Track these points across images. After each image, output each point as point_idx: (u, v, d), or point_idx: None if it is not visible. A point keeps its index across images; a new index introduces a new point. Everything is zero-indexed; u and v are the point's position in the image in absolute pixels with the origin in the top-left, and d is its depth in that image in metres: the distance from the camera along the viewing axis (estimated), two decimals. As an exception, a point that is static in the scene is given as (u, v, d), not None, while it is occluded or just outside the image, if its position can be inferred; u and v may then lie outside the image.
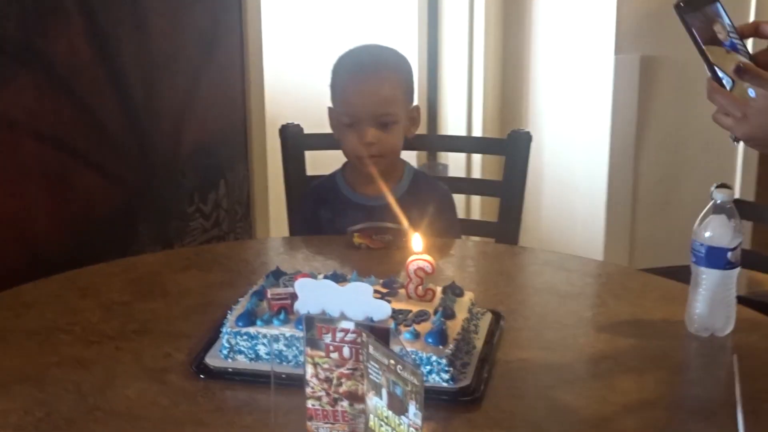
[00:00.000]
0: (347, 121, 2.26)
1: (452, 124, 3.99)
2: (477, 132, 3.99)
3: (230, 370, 1.60)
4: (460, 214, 3.80)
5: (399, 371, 1.28)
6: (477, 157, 3.98)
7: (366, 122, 2.23)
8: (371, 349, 1.33)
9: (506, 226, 2.44)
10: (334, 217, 2.29)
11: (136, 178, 2.68)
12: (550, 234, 3.89)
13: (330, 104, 2.32)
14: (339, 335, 1.38)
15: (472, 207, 3.93)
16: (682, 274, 2.02)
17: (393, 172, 2.32)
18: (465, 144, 3.17)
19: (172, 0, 2.72)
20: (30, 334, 1.75)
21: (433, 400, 1.48)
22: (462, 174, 3.88)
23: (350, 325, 1.38)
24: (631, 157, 3.81)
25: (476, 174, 3.95)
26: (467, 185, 2.96)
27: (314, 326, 1.39)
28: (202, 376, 1.59)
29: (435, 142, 2.64)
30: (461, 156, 3.94)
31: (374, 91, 2.25)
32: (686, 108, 3.80)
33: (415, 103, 2.35)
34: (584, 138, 3.82)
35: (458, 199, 3.76)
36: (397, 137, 2.27)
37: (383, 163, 2.27)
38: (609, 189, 3.79)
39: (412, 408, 1.28)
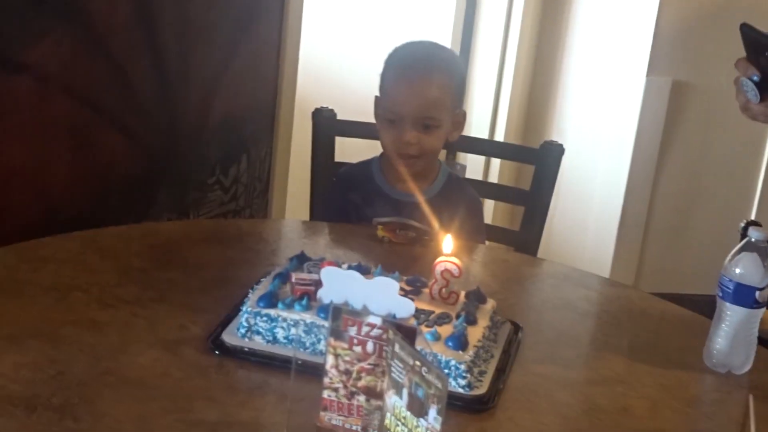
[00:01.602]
0: (390, 116, 2.22)
1: (476, 127, 3.98)
2: (499, 137, 3.98)
3: (246, 349, 1.59)
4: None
5: (424, 373, 1.27)
6: (495, 162, 3.97)
7: (408, 122, 2.19)
8: (397, 348, 1.32)
9: (528, 235, 2.42)
10: (363, 205, 2.27)
11: (161, 144, 2.67)
12: (559, 245, 3.89)
13: (377, 93, 2.28)
14: (365, 329, 1.37)
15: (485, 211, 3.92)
16: (684, 302, 2.02)
17: (428, 172, 2.29)
18: (496, 149, 3.16)
19: (216, -31, 2.71)
20: (47, 289, 1.73)
21: (447, 405, 1.47)
22: (479, 177, 3.87)
23: (377, 321, 1.37)
24: (650, 180, 3.80)
25: (493, 179, 3.94)
26: (493, 190, 2.94)
27: (340, 317, 1.38)
28: (216, 352, 1.58)
29: (464, 144, 2.63)
30: (480, 159, 3.93)
31: (420, 93, 2.20)
32: (711, 136, 3.79)
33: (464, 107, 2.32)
34: (605, 155, 3.81)
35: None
36: (438, 140, 2.23)
37: (419, 164, 2.24)
38: (623, 209, 3.78)
39: (433, 412, 1.26)
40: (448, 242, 1.69)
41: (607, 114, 3.80)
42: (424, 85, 2.21)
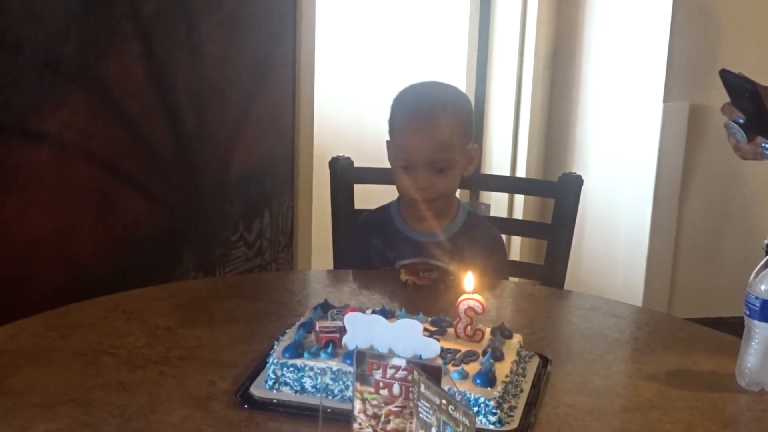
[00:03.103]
0: (402, 163, 2.22)
1: (497, 164, 3.98)
2: (521, 173, 3.98)
3: (275, 401, 1.58)
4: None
5: (451, 411, 1.27)
6: (519, 198, 3.97)
7: (420, 167, 2.18)
8: (423, 388, 1.32)
9: (553, 269, 2.41)
10: (385, 249, 2.27)
11: (183, 203, 2.69)
12: (590, 277, 3.87)
13: (388, 138, 2.28)
14: (390, 372, 1.37)
15: (511, 248, 3.91)
16: (720, 326, 2.01)
17: (447, 211, 2.28)
18: (515, 185, 3.16)
19: (226, 28, 2.74)
20: (75, 355, 1.74)
21: (479, 442, 1.46)
22: (503, 214, 3.87)
23: (401, 363, 1.37)
24: (675, 205, 3.78)
25: (518, 215, 3.94)
26: (516, 226, 2.95)
27: (365, 362, 1.38)
28: (246, 405, 1.58)
29: (484, 182, 2.63)
30: (503, 196, 3.94)
31: (430, 137, 2.19)
32: (734, 157, 3.74)
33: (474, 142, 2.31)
34: (629, 184, 3.80)
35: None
36: (452, 180, 2.23)
37: (437, 205, 2.23)
38: (651, 236, 3.76)
39: (463, 449, 1.26)
40: (469, 280, 1.68)
41: (627, 143, 3.80)
42: (431, 129, 2.20)
